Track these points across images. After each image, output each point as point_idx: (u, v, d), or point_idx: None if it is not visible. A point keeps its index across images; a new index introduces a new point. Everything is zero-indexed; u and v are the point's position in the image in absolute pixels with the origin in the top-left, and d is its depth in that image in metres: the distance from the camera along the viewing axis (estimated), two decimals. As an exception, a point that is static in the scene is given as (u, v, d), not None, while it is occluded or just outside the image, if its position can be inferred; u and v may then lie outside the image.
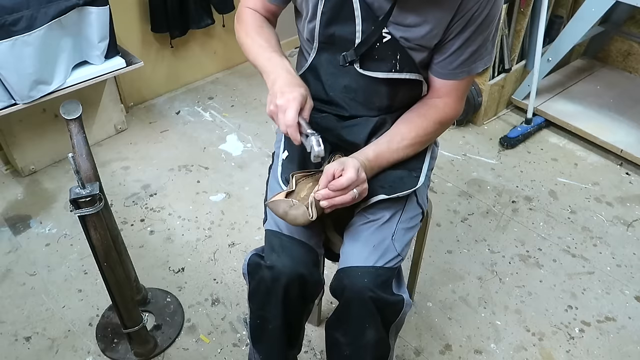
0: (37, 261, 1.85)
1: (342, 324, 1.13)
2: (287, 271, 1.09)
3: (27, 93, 1.84)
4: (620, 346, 1.61)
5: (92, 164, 1.27)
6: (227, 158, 2.34)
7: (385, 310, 1.09)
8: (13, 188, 2.16)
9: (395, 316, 1.12)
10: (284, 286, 1.09)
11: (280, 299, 1.10)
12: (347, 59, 1.09)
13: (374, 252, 1.09)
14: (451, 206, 2.10)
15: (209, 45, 2.79)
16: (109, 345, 1.58)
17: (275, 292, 1.10)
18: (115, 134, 2.45)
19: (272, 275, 1.09)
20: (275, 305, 1.11)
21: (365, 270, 1.08)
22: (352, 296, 1.08)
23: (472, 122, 2.57)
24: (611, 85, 2.70)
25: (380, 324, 1.10)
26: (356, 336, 1.11)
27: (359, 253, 1.10)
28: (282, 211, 1.04)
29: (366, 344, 1.10)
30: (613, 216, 2.07)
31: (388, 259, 1.10)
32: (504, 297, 1.75)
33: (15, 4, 1.70)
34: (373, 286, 1.06)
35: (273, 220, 1.16)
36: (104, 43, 1.99)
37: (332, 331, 1.16)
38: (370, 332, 1.09)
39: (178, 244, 1.92)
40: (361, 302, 1.07)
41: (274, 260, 1.10)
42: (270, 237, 1.15)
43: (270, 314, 1.13)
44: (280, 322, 1.13)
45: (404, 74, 1.10)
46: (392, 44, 1.05)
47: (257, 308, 1.16)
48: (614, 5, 2.10)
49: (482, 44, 1.06)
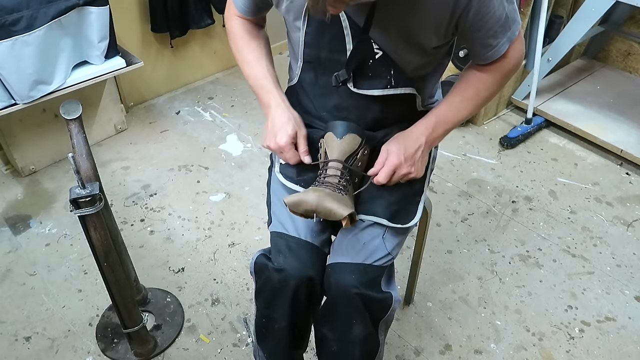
0: (37, 261, 1.85)
1: (330, 319, 1.13)
2: (295, 274, 1.08)
3: (27, 93, 1.84)
4: (620, 346, 1.61)
5: (92, 164, 1.27)
6: (227, 158, 2.34)
7: (372, 307, 1.09)
8: (13, 188, 2.16)
9: (383, 313, 1.12)
10: (292, 289, 1.08)
11: (288, 302, 1.10)
12: (340, 78, 1.06)
13: (363, 250, 1.09)
14: (451, 206, 2.10)
15: (209, 45, 2.79)
16: (109, 345, 1.58)
17: (283, 294, 1.09)
18: (115, 134, 2.45)
19: (279, 277, 1.08)
20: (283, 307, 1.11)
21: (353, 267, 1.07)
22: (339, 292, 1.08)
23: (472, 122, 2.57)
24: (611, 85, 2.70)
25: (368, 320, 1.10)
26: (344, 331, 1.11)
27: (348, 249, 1.10)
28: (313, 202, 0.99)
29: (354, 339, 1.10)
30: (613, 216, 2.07)
31: (377, 257, 1.09)
32: (504, 297, 1.75)
33: (15, 4, 1.70)
34: (359, 283, 1.06)
35: (278, 221, 1.15)
36: (104, 43, 1.99)
37: (320, 327, 1.16)
38: (357, 328, 1.09)
39: (178, 244, 1.92)
40: (348, 299, 1.07)
41: (282, 263, 1.09)
42: (276, 239, 1.14)
43: (277, 314, 1.13)
44: (286, 323, 1.13)
45: (399, 89, 1.08)
46: (385, 60, 1.04)
47: (263, 307, 1.16)
48: (614, 5, 2.10)
49: (499, 18, 0.99)
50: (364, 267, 1.08)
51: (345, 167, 1.06)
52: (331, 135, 1.08)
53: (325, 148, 1.09)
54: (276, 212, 1.17)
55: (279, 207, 1.17)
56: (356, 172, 1.09)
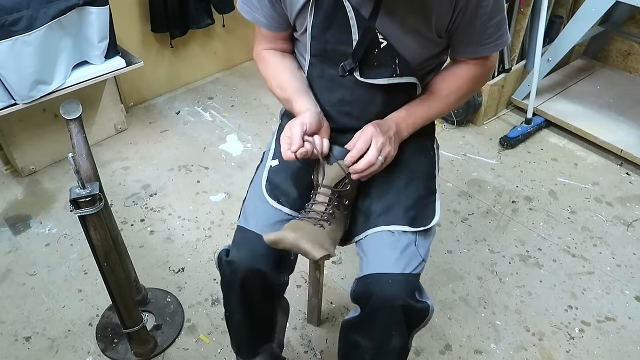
0: (37, 261, 1.85)
1: (366, 328, 1.11)
2: (243, 266, 1.09)
3: (27, 93, 1.84)
4: (620, 346, 1.61)
5: (92, 164, 1.27)
6: (227, 158, 2.34)
7: (412, 317, 1.07)
8: (13, 188, 2.16)
9: (420, 322, 1.11)
10: (240, 280, 1.10)
11: (238, 294, 1.13)
12: (347, 68, 1.08)
13: (401, 259, 1.06)
14: (451, 206, 2.10)
15: (209, 45, 2.79)
16: (109, 345, 1.59)
17: (233, 287, 1.13)
18: (115, 134, 2.46)
19: (229, 270, 1.12)
20: (236, 299, 1.15)
21: (395, 277, 1.05)
22: (382, 304, 1.05)
23: (472, 122, 2.57)
24: (611, 85, 2.70)
25: (405, 330, 1.09)
26: (382, 341, 1.09)
27: (385, 259, 1.07)
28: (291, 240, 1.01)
29: (392, 350, 1.09)
30: (613, 216, 2.07)
31: (415, 265, 1.07)
32: (504, 297, 1.75)
33: (15, 4, 1.70)
34: (404, 294, 1.04)
35: (244, 216, 1.17)
36: (104, 43, 1.99)
37: (352, 333, 1.14)
38: (396, 339, 1.08)
39: (178, 244, 1.92)
40: (392, 310, 1.04)
41: (233, 255, 1.11)
42: (237, 233, 1.16)
43: (232, 307, 1.18)
44: (241, 316, 1.17)
45: (404, 78, 1.09)
46: (390, 49, 1.05)
47: (224, 301, 1.21)
48: (614, 5, 2.10)
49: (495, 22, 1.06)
50: (405, 276, 1.05)
51: (334, 192, 1.08)
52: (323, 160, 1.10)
53: (317, 172, 1.11)
54: (246, 209, 1.19)
55: (250, 205, 1.19)
56: (346, 195, 1.11)
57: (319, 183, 1.09)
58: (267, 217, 1.14)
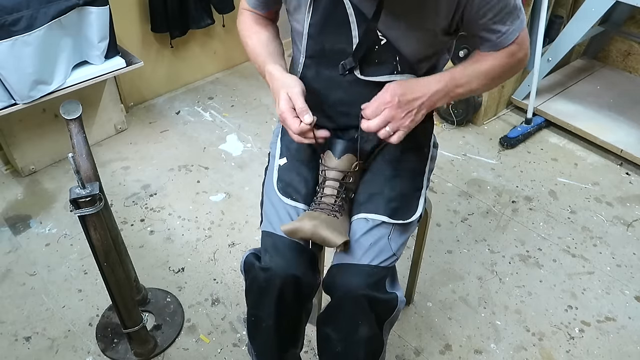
0: (37, 261, 1.85)
1: (334, 320, 1.13)
2: (280, 273, 1.09)
3: (27, 93, 1.84)
4: (620, 346, 1.61)
5: (92, 164, 1.27)
6: (227, 158, 2.34)
7: (378, 308, 1.09)
8: (13, 188, 2.16)
9: (389, 313, 1.12)
10: (278, 288, 1.09)
11: (274, 301, 1.11)
12: (347, 66, 1.07)
13: (369, 251, 1.09)
14: (451, 206, 2.10)
15: (209, 45, 2.79)
16: (109, 345, 1.59)
17: (268, 294, 1.10)
18: (115, 134, 2.46)
19: (265, 276, 1.10)
20: (269, 306, 1.12)
21: (360, 268, 1.08)
22: (345, 294, 1.08)
23: (472, 122, 2.57)
24: (611, 85, 2.70)
25: (373, 321, 1.10)
26: (349, 332, 1.11)
27: (354, 250, 1.10)
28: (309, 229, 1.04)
29: (359, 340, 1.10)
30: (613, 216, 2.07)
31: (383, 258, 1.09)
32: (504, 297, 1.75)
33: (15, 4, 1.70)
34: (366, 285, 1.06)
35: (268, 221, 1.16)
36: (104, 43, 1.99)
37: (324, 327, 1.16)
38: (363, 329, 1.09)
39: (178, 244, 1.92)
40: (354, 300, 1.07)
41: (267, 262, 1.10)
42: (264, 239, 1.15)
43: (263, 313, 1.14)
44: (273, 322, 1.14)
45: (404, 75, 1.09)
46: (390, 46, 1.05)
47: (251, 306, 1.17)
48: (614, 5, 2.10)
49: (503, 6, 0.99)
50: (370, 268, 1.08)
51: (342, 185, 1.10)
52: (329, 153, 1.12)
53: (324, 166, 1.12)
54: (267, 212, 1.19)
55: (269, 208, 1.18)
56: (351, 188, 1.14)
57: (326, 176, 1.11)
58: (288, 216, 1.14)
